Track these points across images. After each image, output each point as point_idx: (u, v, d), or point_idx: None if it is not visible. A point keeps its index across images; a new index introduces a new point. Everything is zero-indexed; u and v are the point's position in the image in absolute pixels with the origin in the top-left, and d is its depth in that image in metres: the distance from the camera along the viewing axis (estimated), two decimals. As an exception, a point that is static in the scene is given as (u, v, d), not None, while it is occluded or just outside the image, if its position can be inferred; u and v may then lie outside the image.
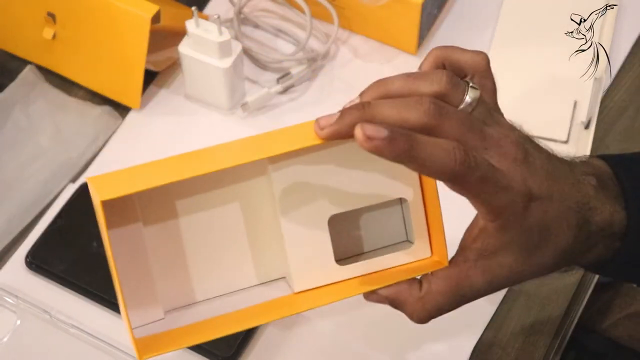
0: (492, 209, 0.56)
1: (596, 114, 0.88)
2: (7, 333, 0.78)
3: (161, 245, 0.60)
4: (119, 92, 0.90)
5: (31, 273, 0.81)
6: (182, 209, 0.60)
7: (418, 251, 0.60)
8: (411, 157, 0.52)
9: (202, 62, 0.86)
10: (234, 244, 0.61)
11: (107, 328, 0.79)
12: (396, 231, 0.62)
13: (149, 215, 0.59)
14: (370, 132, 0.51)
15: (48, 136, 0.88)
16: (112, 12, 0.85)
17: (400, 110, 0.54)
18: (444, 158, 0.52)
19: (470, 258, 0.58)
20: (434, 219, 0.60)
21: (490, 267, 0.58)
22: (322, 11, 0.93)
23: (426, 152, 0.52)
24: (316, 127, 0.56)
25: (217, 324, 0.59)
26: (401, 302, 0.59)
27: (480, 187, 0.54)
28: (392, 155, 0.52)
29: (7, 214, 0.84)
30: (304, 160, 0.58)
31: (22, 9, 0.89)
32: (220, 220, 0.61)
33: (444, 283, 0.58)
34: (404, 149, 0.52)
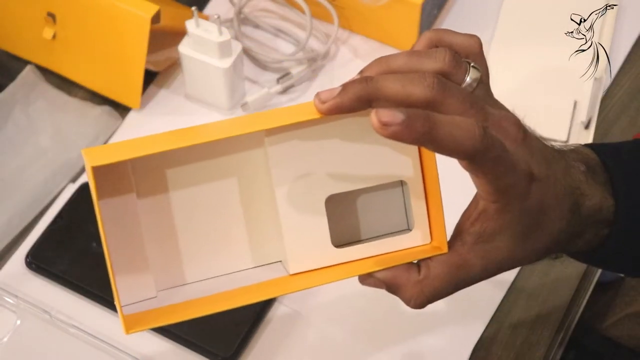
0: (498, 189, 0.55)
1: (596, 114, 0.88)
2: (7, 333, 0.78)
3: (155, 220, 0.59)
4: (119, 92, 0.90)
5: (31, 273, 0.81)
6: (177, 183, 0.59)
7: (417, 237, 0.59)
8: (431, 138, 0.51)
9: (202, 62, 0.86)
10: (230, 223, 0.60)
11: (107, 328, 0.79)
12: (396, 218, 0.61)
13: (144, 187, 0.58)
14: (386, 118, 0.49)
15: (48, 136, 0.88)
16: (112, 12, 0.85)
17: (405, 84, 0.53)
18: (463, 137, 0.51)
19: (468, 242, 0.57)
20: (434, 203, 0.58)
21: (487, 251, 0.57)
22: (322, 11, 0.93)
23: (445, 131, 0.51)
24: (316, 101, 0.54)
25: (208, 302, 0.58)
26: (398, 285, 0.57)
27: (494, 166, 0.53)
28: (411, 139, 0.50)
29: (7, 214, 0.84)
30: (301, 135, 0.57)
31: (22, 9, 0.89)
32: (216, 197, 0.59)
33: (443, 267, 0.57)
34: (423, 131, 0.50)
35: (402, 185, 0.60)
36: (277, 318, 0.79)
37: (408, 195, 0.60)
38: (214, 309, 0.57)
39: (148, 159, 0.58)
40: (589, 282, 0.83)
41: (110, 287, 0.80)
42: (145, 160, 0.58)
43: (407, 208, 0.61)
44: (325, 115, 0.54)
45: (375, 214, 0.61)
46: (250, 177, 0.59)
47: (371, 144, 0.58)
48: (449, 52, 0.56)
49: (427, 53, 0.56)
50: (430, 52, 0.56)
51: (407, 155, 0.58)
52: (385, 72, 0.55)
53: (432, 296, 0.57)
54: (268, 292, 0.58)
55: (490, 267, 0.57)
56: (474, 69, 0.57)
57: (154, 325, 0.56)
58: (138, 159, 0.56)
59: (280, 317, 0.80)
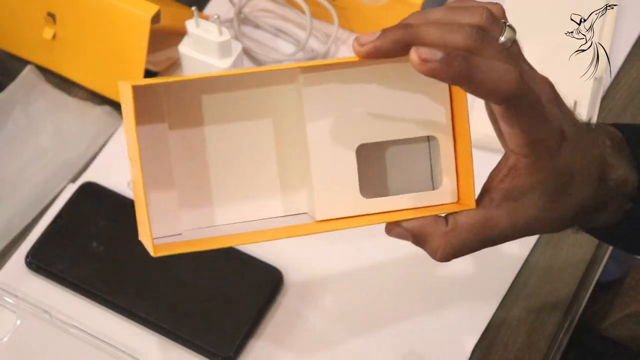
0: (530, 140, 0.55)
1: (596, 114, 0.88)
2: (7, 333, 0.78)
3: (186, 155, 0.58)
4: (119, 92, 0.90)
5: (31, 273, 0.81)
6: (212, 118, 0.58)
7: (444, 195, 0.59)
8: (468, 77, 0.51)
9: (202, 62, 0.86)
10: (263, 165, 0.59)
11: (107, 328, 0.79)
12: (422, 176, 0.60)
13: (176, 119, 0.57)
14: (426, 55, 0.50)
15: (48, 136, 0.88)
16: (112, 12, 0.85)
17: (444, 32, 0.53)
18: (500, 78, 0.52)
19: (496, 199, 0.57)
20: (464, 160, 0.58)
21: (515, 209, 0.57)
22: (322, 11, 0.93)
23: (483, 72, 0.51)
24: (355, 44, 0.54)
25: (234, 237, 0.57)
26: (426, 235, 0.57)
27: (528, 113, 0.54)
28: (448, 76, 0.51)
29: (7, 214, 0.84)
30: (337, 78, 0.57)
31: (22, 9, 0.89)
32: (250, 137, 0.59)
33: (470, 221, 0.57)
34: (460, 69, 0.51)
35: (429, 141, 0.60)
36: (277, 318, 0.79)
37: (436, 152, 0.59)
38: (240, 242, 0.57)
39: (183, 89, 0.57)
40: (589, 282, 0.83)
41: (110, 287, 0.80)
42: (180, 90, 0.57)
43: (432, 166, 0.60)
44: (363, 59, 0.54)
45: (402, 169, 0.61)
46: (284, 119, 0.59)
47: (404, 94, 0.58)
48: (486, 9, 0.56)
49: (465, 8, 0.56)
50: (469, 7, 0.56)
51: (439, 110, 0.58)
52: (423, 23, 0.56)
53: (459, 249, 0.57)
54: (294, 232, 0.58)
55: (518, 225, 0.57)
56: (510, 28, 0.57)
57: (180, 251, 0.55)
58: (173, 87, 0.55)
59: (280, 317, 0.80)
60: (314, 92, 0.57)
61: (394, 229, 0.58)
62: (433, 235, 0.57)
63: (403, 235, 0.58)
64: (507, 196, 0.57)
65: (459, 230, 0.57)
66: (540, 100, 0.54)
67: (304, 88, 0.57)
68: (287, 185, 0.60)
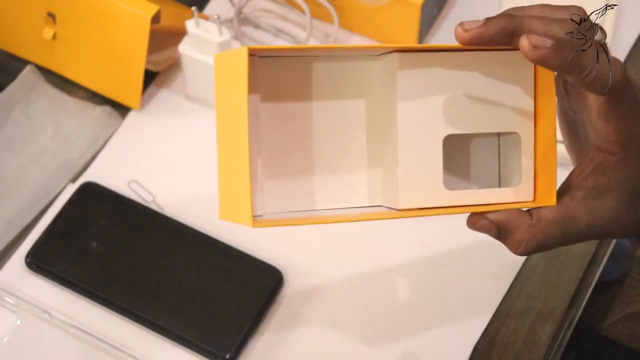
0: (623, 137, 0.56)
1: (596, 114, 0.88)
2: (7, 333, 0.78)
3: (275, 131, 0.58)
4: (119, 92, 0.90)
5: (31, 273, 0.81)
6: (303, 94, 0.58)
7: (523, 192, 0.59)
8: (577, 65, 0.53)
9: (202, 62, 0.86)
10: (351, 147, 0.59)
11: (107, 328, 0.79)
12: (490, 171, 0.61)
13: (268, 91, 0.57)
14: (536, 42, 0.52)
15: (48, 136, 0.88)
16: (112, 12, 0.85)
17: (546, 24, 0.55)
18: (607, 68, 0.53)
19: (577, 197, 0.57)
20: (546, 159, 0.58)
21: (595, 208, 0.57)
22: (322, 11, 0.93)
23: (591, 60, 0.53)
24: (459, 29, 0.55)
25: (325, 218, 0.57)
26: (511, 228, 0.57)
27: (627, 108, 0.55)
28: (558, 63, 0.52)
29: (7, 214, 0.84)
30: (430, 62, 0.57)
31: (22, 9, 0.89)
32: (340, 117, 0.59)
33: (554, 216, 0.57)
34: (571, 57, 0.52)
35: (499, 137, 0.60)
36: (277, 318, 0.79)
37: (512, 148, 0.59)
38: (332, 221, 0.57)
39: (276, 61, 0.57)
40: (589, 282, 0.83)
41: (110, 287, 0.80)
42: (272, 63, 0.57)
43: (501, 162, 0.61)
44: (465, 45, 0.55)
45: (478, 164, 0.61)
46: (374, 99, 0.59)
47: (493, 87, 0.58)
48: (582, 10, 0.57)
49: (562, 7, 0.57)
50: (565, 6, 0.57)
51: (525, 106, 0.58)
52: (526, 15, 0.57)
53: (542, 242, 0.58)
54: (380, 216, 0.58)
55: (596, 225, 0.58)
56: (602, 30, 0.57)
57: (278, 225, 0.55)
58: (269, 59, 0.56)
59: (280, 317, 0.80)
60: (407, 76, 0.57)
61: (478, 221, 0.58)
62: (518, 228, 0.57)
63: (487, 228, 0.58)
64: (589, 194, 0.57)
65: (544, 224, 0.57)
66: (638, 97, 0.55)
67: (399, 71, 0.57)
68: (373, 170, 0.60)
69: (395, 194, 0.58)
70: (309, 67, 0.58)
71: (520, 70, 0.58)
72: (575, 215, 0.57)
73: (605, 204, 0.57)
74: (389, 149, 0.58)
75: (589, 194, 0.57)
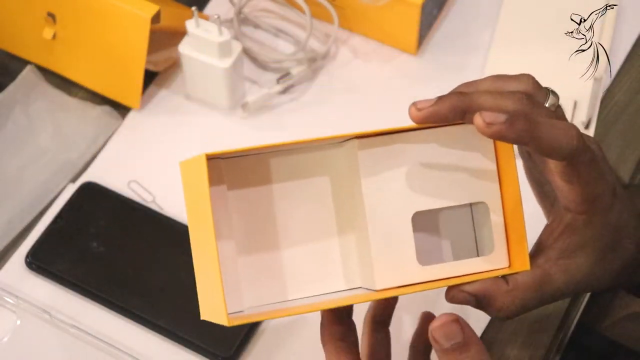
0: (588, 197, 0.57)
1: (596, 114, 0.88)
2: (7, 333, 0.78)
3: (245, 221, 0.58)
4: (119, 92, 0.90)
5: (31, 273, 0.81)
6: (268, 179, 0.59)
7: (497, 259, 0.59)
8: (533, 136, 0.54)
9: (202, 62, 0.86)
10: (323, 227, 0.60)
11: (107, 328, 0.79)
12: (466, 242, 0.61)
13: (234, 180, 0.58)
14: (490, 118, 0.53)
15: (48, 136, 0.88)
16: (112, 12, 0.85)
17: (496, 99, 0.56)
18: (563, 136, 0.54)
19: (552, 257, 0.59)
20: (515, 225, 0.59)
21: (569, 266, 0.59)
22: (322, 11, 0.93)
23: (546, 129, 0.54)
24: (413, 109, 0.57)
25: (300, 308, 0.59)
26: (489, 297, 0.59)
27: (588, 169, 0.56)
28: (514, 136, 0.53)
29: (7, 214, 0.84)
30: (391, 144, 0.58)
31: (22, 9, 0.89)
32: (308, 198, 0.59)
33: (530, 280, 0.58)
34: (525, 128, 0.53)
35: (472, 207, 0.61)
36: (277, 318, 0.79)
37: (483, 217, 0.60)
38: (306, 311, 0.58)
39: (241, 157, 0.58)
40: (589, 282, 0.83)
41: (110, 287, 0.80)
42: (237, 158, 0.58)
43: (476, 232, 0.61)
44: (419, 124, 0.57)
45: (448, 235, 0.61)
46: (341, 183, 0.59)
47: (455, 160, 0.59)
48: (531, 77, 0.59)
49: (511, 76, 0.59)
50: (515, 76, 0.59)
51: (488, 176, 0.59)
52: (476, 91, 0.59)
53: (521, 306, 0.59)
54: (358, 300, 0.59)
55: (572, 282, 0.59)
56: (553, 94, 0.60)
57: (255, 320, 0.57)
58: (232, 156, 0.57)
59: (280, 317, 0.79)
60: (369, 155, 0.58)
61: (457, 294, 0.59)
62: (496, 297, 0.58)
63: (465, 300, 0.59)
64: (562, 254, 0.59)
65: (521, 289, 0.58)
66: (597, 157, 0.57)
67: (359, 151, 0.58)
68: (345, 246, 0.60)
69: (370, 275, 0.59)
70: (269, 162, 0.59)
71: (479, 139, 0.58)
72: (551, 276, 0.59)
73: (579, 261, 0.59)
74: (358, 230, 0.59)
75: (562, 254, 0.59)
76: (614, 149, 0.88)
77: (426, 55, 0.94)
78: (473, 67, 0.92)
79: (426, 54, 0.94)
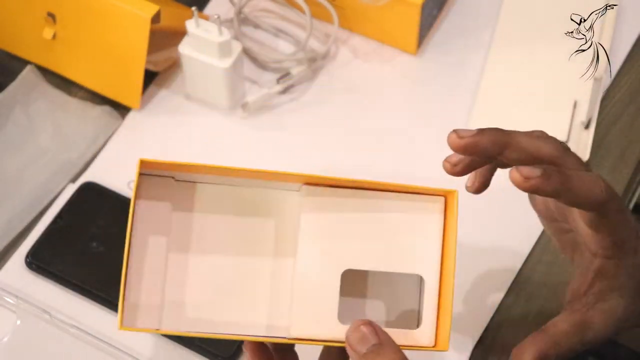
0: (616, 242, 0.60)
1: (596, 114, 0.88)
2: (7, 333, 0.78)
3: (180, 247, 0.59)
4: (119, 92, 0.90)
5: (31, 273, 0.81)
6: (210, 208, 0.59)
7: (423, 336, 0.60)
8: (567, 189, 0.56)
9: (202, 62, 0.86)
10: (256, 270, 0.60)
11: (107, 328, 0.79)
12: (407, 313, 0.62)
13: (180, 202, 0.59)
14: (527, 173, 0.55)
15: (48, 136, 0.88)
16: (112, 12, 0.85)
17: (534, 140, 0.58)
18: (593, 187, 0.56)
19: (589, 302, 0.61)
20: (445, 304, 0.59)
21: (606, 308, 0.61)
22: (322, 11, 0.93)
23: (578, 182, 0.56)
24: (454, 136, 0.57)
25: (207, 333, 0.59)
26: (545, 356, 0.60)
27: (617, 217, 0.58)
28: (550, 190, 0.55)
29: (7, 214, 0.84)
30: (337, 194, 0.58)
31: (22, 9, 0.89)
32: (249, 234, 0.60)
33: (569, 325, 0.60)
34: (559, 182, 0.55)
35: (421, 282, 0.61)
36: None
37: (423, 292, 0.60)
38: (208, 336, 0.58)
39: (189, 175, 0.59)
40: (589, 282, 0.83)
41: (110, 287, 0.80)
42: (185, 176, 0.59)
43: (420, 306, 0.61)
44: (457, 151, 0.57)
45: (387, 301, 0.61)
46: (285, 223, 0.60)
47: (398, 229, 0.59)
48: (557, 140, 0.61)
49: (539, 136, 0.60)
50: (542, 136, 0.61)
51: (430, 251, 0.59)
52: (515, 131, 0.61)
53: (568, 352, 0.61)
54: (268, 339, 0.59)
55: (610, 324, 0.61)
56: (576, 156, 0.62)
57: (145, 331, 0.57)
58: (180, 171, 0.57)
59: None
60: (312, 205, 0.58)
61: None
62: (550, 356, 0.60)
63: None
64: (599, 298, 0.61)
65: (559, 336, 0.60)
66: (623, 204, 0.59)
67: (305, 198, 0.58)
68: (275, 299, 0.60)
69: (288, 319, 0.59)
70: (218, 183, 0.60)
71: (429, 214, 0.59)
72: (590, 320, 0.61)
73: (614, 303, 0.61)
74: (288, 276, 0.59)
75: (598, 298, 0.61)
76: (614, 149, 0.88)
77: (426, 55, 0.94)
78: (473, 67, 0.92)
79: (426, 54, 0.94)
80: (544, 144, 0.59)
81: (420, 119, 0.90)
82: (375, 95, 0.92)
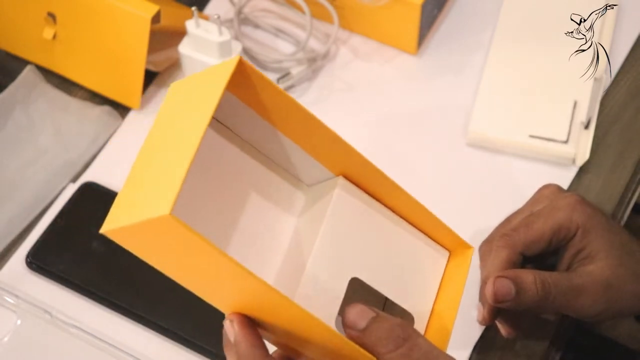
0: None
1: (596, 114, 0.88)
2: (7, 333, 0.78)
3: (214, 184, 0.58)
4: (119, 92, 0.90)
5: (31, 273, 0.81)
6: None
7: None
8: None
9: (202, 62, 0.86)
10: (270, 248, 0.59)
11: (108, 328, 0.79)
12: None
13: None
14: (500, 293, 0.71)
15: (48, 136, 0.88)
16: (112, 12, 0.85)
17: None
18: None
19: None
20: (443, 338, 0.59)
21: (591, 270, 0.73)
22: (322, 11, 0.93)
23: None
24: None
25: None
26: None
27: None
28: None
29: (7, 214, 0.84)
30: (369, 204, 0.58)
31: (22, 9, 0.89)
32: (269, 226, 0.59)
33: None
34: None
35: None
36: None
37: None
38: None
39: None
40: (589, 282, 0.83)
41: (110, 286, 0.80)
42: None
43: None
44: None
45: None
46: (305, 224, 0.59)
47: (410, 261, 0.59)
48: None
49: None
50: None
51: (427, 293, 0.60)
52: None
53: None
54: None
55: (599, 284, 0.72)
56: None
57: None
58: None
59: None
60: (342, 201, 0.58)
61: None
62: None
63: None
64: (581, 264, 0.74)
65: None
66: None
67: (337, 190, 0.58)
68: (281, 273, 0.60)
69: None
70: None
71: (436, 259, 0.60)
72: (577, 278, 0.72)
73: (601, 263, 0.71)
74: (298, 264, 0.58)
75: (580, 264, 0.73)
76: (614, 149, 0.88)
77: (426, 55, 0.94)
78: (473, 67, 0.92)
79: (426, 54, 0.94)
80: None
81: (420, 118, 0.90)
82: (375, 95, 0.92)
